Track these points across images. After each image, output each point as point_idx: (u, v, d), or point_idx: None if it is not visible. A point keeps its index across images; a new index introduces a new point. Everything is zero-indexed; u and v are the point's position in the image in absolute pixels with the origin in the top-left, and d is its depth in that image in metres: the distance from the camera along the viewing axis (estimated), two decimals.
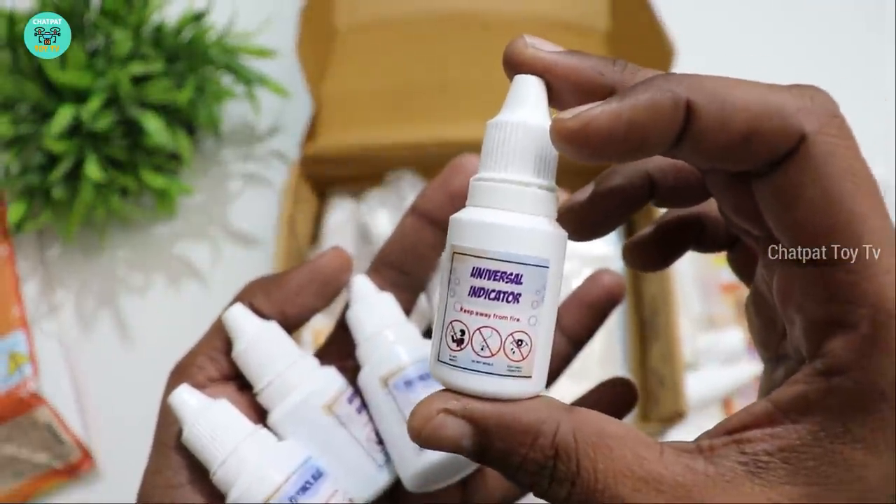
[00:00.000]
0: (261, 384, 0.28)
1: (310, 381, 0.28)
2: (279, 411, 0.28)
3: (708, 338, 0.58)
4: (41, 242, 0.64)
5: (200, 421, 0.26)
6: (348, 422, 0.28)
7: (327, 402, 0.28)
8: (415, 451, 0.27)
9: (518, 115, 0.23)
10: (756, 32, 0.77)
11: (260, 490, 0.25)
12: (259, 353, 0.28)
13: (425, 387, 0.28)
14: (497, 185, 0.22)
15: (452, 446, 0.21)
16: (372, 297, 0.30)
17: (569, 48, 0.23)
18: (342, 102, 0.65)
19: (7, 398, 0.51)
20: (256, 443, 0.27)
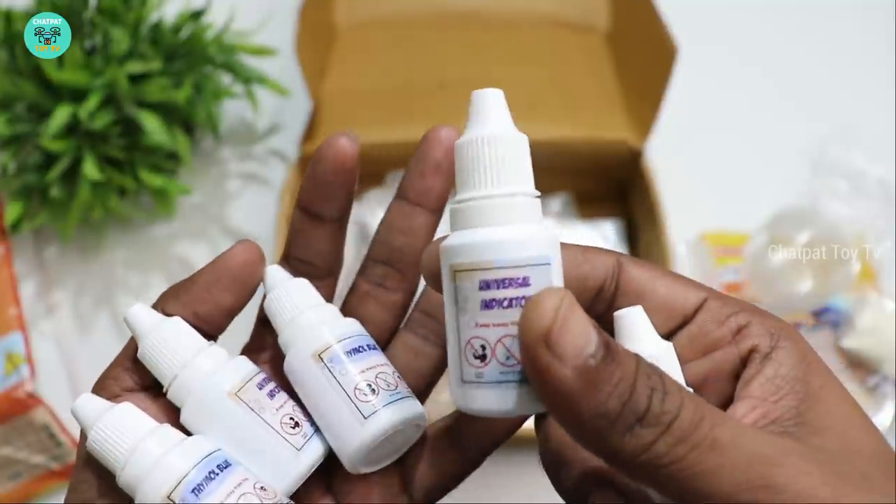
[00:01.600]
0: (167, 380, 0.27)
1: (215, 370, 0.27)
2: (186, 405, 0.27)
3: None
4: (38, 242, 0.64)
5: (99, 426, 0.25)
6: (258, 408, 0.27)
7: (232, 389, 0.26)
8: (358, 423, 0.26)
9: (485, 130, 0.23)
10: (757, 32, 0.77)
11: (163, 483, 0.24)
12: (162, 348, 0.27)
13: (359, 359, 0.27)
14: (483, 203, 0.22)
15: (576, 348, 0.19)
16: (287, 282, 0.29)
17: (569, 47, 0.24)
18: (341, 101, 0.64)
19: (4, 399, 0.51)
20: (158, 439, 0.25)
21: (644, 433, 0.19)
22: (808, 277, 0.58)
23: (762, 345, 0.23)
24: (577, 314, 0.20)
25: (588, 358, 0.19)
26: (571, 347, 0.19)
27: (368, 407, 0.26)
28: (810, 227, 0.59)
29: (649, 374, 0.20)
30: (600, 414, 0.19)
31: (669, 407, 0.19)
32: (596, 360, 0.19)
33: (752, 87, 0.74)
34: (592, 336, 0.20)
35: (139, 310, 0.28)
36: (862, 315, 0.58)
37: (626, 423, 0.19)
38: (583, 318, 0.20)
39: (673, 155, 0.63)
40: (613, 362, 0.19)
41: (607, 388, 0.19)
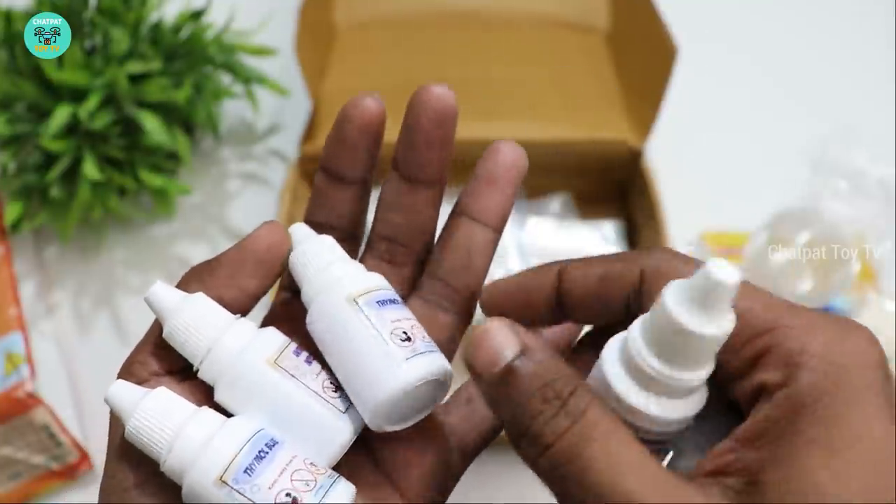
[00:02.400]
0: (198, 359, 0.26)
1: (249, 341, 0.26)
2: (222, 381, 0.26)
3: None
4: (38, 242, 0.64)
5: (139, 414, 0.24)
6: (299, 374, 0.26)
7: (271, 357, 0.26)
8: (395, 366, 0.25)
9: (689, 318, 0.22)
10: (757, 32, 0.77)
11: (213, 467, 0.24)
12: (189, 326, 0.26)
13: (393, 309, 0.26)
14: (648, 371, 0.22)
15: (492, 353, 0.22)
16: (315, 237, 0.28)
17: (569, 47, 0.24)
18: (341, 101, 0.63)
19: (4, 399, 0.50)
20: (200, 422, 0.25)
21: (526, 450, 0.22)
22: (808, 277, 0.58)
23: (771, 380, 0.21)
24: (490, 339, 0.22)
25: (493, 374, 0.22)
26: (481, 363, 0.22)
27: (407, 350, 0.25)
28: (810, 227, 0.59)
29: (548, 398, 0.22)
30: (503, 419, 0.23)
31: (549, 431, 0.21)
32: (497, 378, 0.22)
33: (751, 87, 0.74)
34: (502, 357, 0.22)
35: (160, 289, 0.27)
36: (862, 315, 0.58)
37: (517, 432, 0.22)
38: (495, 342, 0.22)
39: (673, 155, 0.63)
40: (515, 380, 0.22)
41: (505, 402, 0.22)
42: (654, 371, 0.22)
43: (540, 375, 0.22)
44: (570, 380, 0.22)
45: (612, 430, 0.21)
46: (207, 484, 0.24)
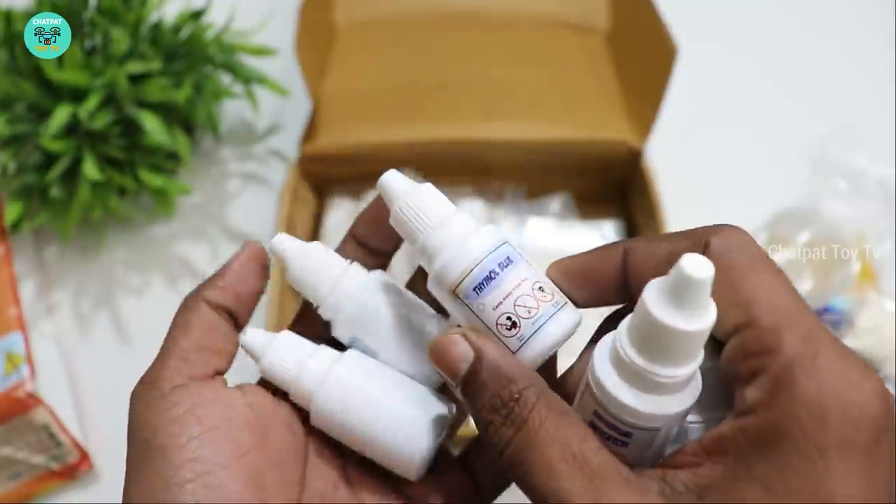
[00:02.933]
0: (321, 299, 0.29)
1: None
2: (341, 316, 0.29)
3: None
4: (38, 242, 0.64)
5: (269, 353, 0.29)
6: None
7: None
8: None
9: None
10: (757, 32, 0.77)
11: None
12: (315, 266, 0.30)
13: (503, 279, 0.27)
14: (636, 368, 0.23)
15: (450, 367, 0.25)
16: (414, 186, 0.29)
17: (569, 47, 0.24)
18: (341, 101, 0.64)
19: (4, 399, 0.50)
20: (320, 358, 0.29)
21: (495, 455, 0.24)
22: (808, 277, 0.58)
23: (749, 399, 0.21)
24: (446, 352, 0.25)
25: (456, 387, 0.25)
26: (447, 377, 0.25)
27: (514, 340, 0.26)
28: (810, 227, 0.59)
29: (494, 409, 0.24)
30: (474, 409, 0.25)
31: (497, 441, 0.24)
32: (460, 390, 0.25)
33: (751, 87, 0.74)
34: (459, 369, 0.25)
35: (283, 237, 0.31)
36: (862, 315, 0.58)
37: (480, 423, 0.24)
38: (450, 356, 0.25)
39: (673, 155, 0.63)
40: (471, 392, 0.25)
41: (469, 411, 0.25)
42: (637, 367, 0.22)
43: (490, 385, 0.24)
44: (518, 384, 0.24)
45: (552, 434, 0.22)
46: (335, 411, 0.28)
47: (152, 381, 0.27)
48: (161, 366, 0.27)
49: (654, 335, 0.22)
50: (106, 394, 0.57)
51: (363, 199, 0.63)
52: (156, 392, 0.26)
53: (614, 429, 0.24)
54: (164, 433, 0.26)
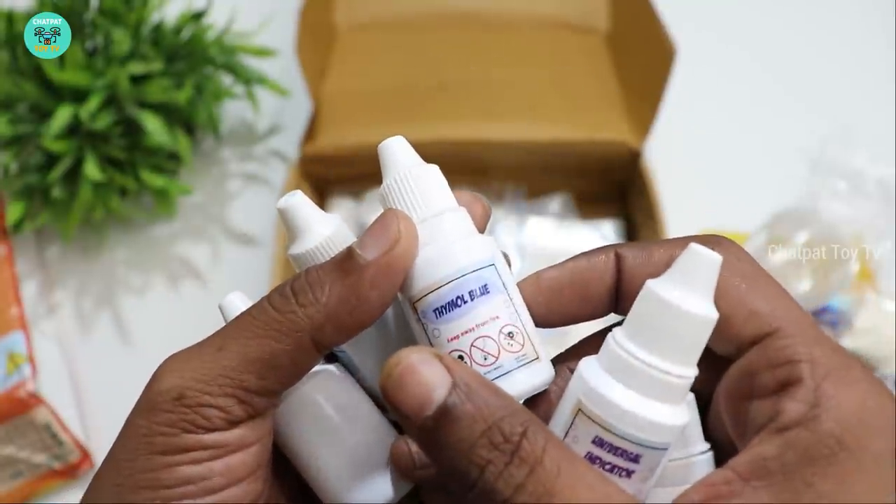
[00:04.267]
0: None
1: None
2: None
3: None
4: (40, 242, 0.64)
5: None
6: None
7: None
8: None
9: (686, 300, 0.21)
10: (756, 33, 0.77)
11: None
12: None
13: (467, 312, 0.23)
14: (645, 369, 0.21)
15: (420, 393, 0.19)
16: (421, 165, 0.25)
17: (569, 48, 0.23)
18: (341, 102, 0.64)
19: (6, 398, 0.51)
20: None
21: (475, 500, 0.19)
22: (806, 277, 0.58)
23: (787, 416, 0.20)
24: (416, 375, 0.20)
25: (426, 420, 0.19)
26: (409, 408, 0.20)
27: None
28: (809, 227, 0.59)
29: (493, 445, 0.19)
30: (444, 471, 0.20)
31: (501, 487, 0.19)
32: (431, 423, 0.19)
33: (750, 88, 0.74)
34: (433, 397, 0.19)
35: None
36: (861, 315, 0.58)
37: (463, 485, 0.19)
38: (423, 379, 0.20)
39: (672, 155, 0.64)
40: (452, 424, 0.19)
41: (444, 451, 0.19)
42: (650, 367, 0.21)
43: (482, 416, 0.19)
44: (518, 416, 0.19)
45: (577, 477, 0.19)
46: (289, 435, 0.25)
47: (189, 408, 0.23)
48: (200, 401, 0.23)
49: (666, 325, 0.20)
50: (107, 393, 0.57)
51: (363, 200, 0.64)
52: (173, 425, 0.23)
53: (621, 454, 0.21)
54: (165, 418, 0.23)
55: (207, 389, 0.22)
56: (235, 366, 0.23)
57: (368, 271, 0.22)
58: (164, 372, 0.23)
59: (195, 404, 0.22)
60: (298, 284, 0.23)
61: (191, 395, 0.22)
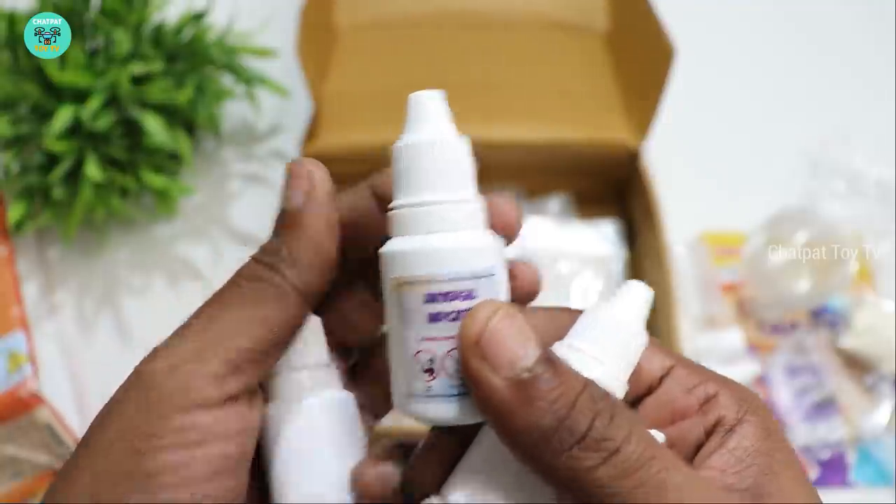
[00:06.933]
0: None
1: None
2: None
3: (708, 338, 0.58)
4: (41, 242, 0.64)
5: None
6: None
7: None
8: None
9: (428, 133, 0.22)
10: (756, 32, 0.78)
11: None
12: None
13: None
14: (428, 209, 0.21)
15: (520, 343, 0.20)
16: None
17: (568, 48, 0.23)
18: (342, 102, 0.65)
19: (7, 398, 0.51)
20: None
21: (583, 456, 0.19)
22: (806, 277, 0.59)
23: (729, 416, 0.22)
24: (514, 326, 0.20)
25: (523, 370, 0.19)
26: (505, 357, 0.19)
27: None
28: (809, 227, 0.60)
29: (596, 399, 0.20)
30: (534, 428, 0.19)
31: (614, 434, 0.19)
32: (531, 374, 0.19)
33: (750, 88, 0.74)
34: (531, 349, 0.20)
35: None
36: (859, 315, 0.58)
37: (563, 443, 0.19)
38: (521, 330, 0.20)
39: (671, 155, 0.64)
40: (553, 378, 0.19)
41: (542, 403, 0.19)
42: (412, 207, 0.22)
43: (581, 378, 0.20)
44: (608, 396, 0.20)
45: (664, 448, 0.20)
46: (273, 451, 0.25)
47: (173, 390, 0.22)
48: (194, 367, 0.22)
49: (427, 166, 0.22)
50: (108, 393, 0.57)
51: None
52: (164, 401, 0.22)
53: (456, 297, 0.21)
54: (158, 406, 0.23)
55: (202, 356, 0.22)
56: (226, 329, 0.23)
57: (303, 215, 0.24)
58: (154, 352, 0.23)
59: (188, 372, 0.22)
60: (259, 253, 0.24)
61: (182, 364, 0.22)
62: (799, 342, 0.58)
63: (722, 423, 0.22)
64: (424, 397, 0.21)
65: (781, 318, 0.60)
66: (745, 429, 0.22)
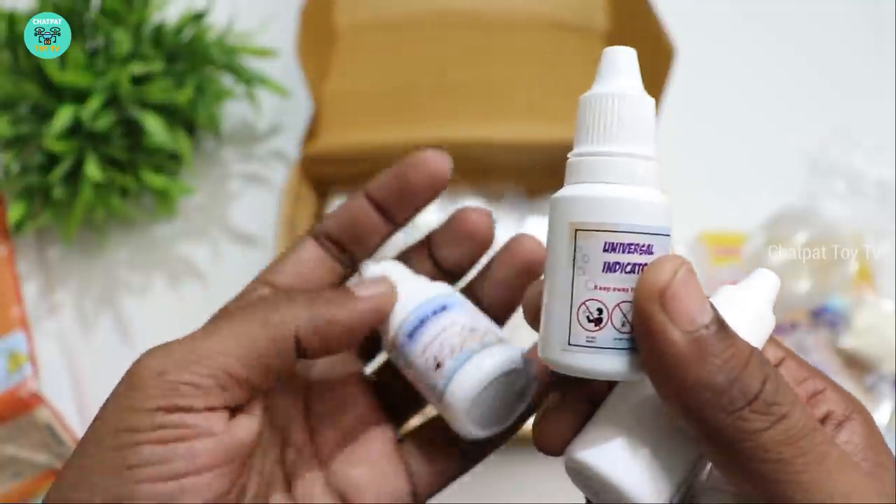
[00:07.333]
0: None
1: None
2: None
3: None
4: (41, 242, 0.64)
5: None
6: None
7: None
8: (434, 399, 0.27)
9: (619, 86, 0.22)
10: (757, 32, 0.78)
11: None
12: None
13: (433, 325, 0.28)
14: (609, 159, 0.22)
15: (700, 301, 0.20)
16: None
17: (568, 48, 0.24)
18: (342, 102, 0.65)
19: (7, 398, 0.51)
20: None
21: (752, 418, 0.19)
22: (806, 277, 0.59)
23: (837, 412, 0.23)
24: (695, 283, 0.20)
25: (701, 327, 0.19)
26: (686, 312, 0.19)
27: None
28: (809, 227, 0.60)
29: (764, 363, 0.20)
30: (706, 385, 0.19)
31: (783, 400, 0.19)
32: (709, 332, 0.19)
33: (750, 88, 0.74)
34: (708, 308, 0.20)
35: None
36: (859, 315, 0.58)
37: (734, 403, 0.19)
38: (701, 289, 0.20)
39: (671, 155, 0.63)
40: (727, 339, 0.19)
41: (717, 360, 0.19)
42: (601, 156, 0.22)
43: (748, 344, 0.20)
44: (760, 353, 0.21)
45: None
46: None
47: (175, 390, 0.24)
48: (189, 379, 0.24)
49: (610, 116, 0.22)
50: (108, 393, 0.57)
51: None
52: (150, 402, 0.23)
53: (635, 249, 0.21)
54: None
55: (191, 368, 0.23)
56: (221, 349, 0.24)
57: (359, 303, 0.27)
58: (149, 354, 0.24)
59: (175, 380, 0.23)
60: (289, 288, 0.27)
61: (172, 372, 0.23)
62: (799, 342, 0.58)
63: (831, 417, 0.22)
64: (586, 348, 0.21)
65: (781, 318, 0.60)
66: (854, 425, 0.22)
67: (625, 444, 0.22)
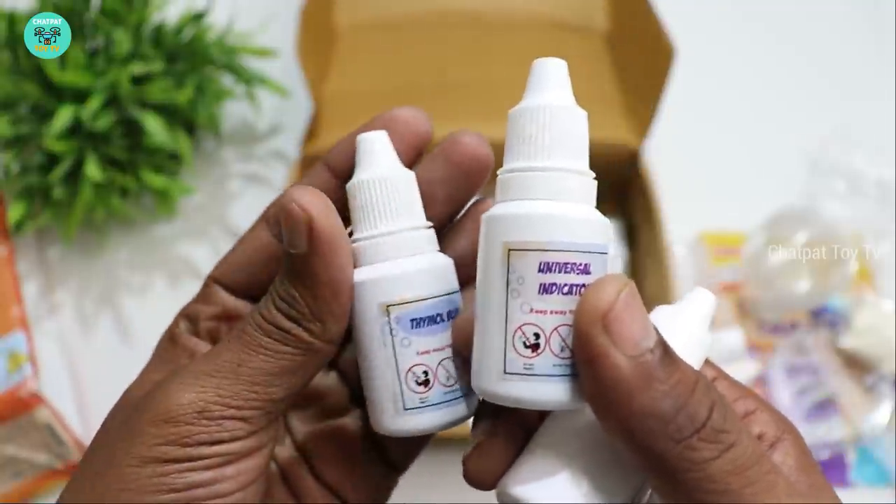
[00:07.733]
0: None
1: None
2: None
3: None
4: (41, 242, 0.64)
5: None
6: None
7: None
8: (394, 414, 0.23)
9: (547, 99, 0.21)
10: (755, 33, 0.78)
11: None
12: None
13: (437, 333, 0.23)
14: (546, 175, 0.20)
15: (644, 324, 0.18)
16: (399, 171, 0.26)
17: (568, 48, 0.24)
18: (342, 102, 0.65)
19: (7, 398, 0.51)
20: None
21: (700, 447, 0.18)
22: (805, 277, 0.59)
23: (769, 433, 0.22)
24: (639, 305, 0.19)
25: (646, 351, 0.18)
26: (629, 335, 0.18)
27: (416, 399, 0.23)
28: (809, 227, 0.60)
29: (710, 388, 0.19)
30: (651, 413, 0.18)
31: (731, 427, 0.19)
32: (654, 356, 0.18)
33: (750, 88, 0.74)
34: (652, 331, 0.19)
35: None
36: (859, 315, 0.58)
37: (681, 431, 0.18)
38: (644, 311, 0.19)
39: (671, 155, 0.64)
40: (672, 364, 0.19)
41: (663, 387, 0.18)
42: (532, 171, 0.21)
43: (693, 369, 0.19)
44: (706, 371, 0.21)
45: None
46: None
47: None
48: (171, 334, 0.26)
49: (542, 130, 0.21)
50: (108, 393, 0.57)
51: None
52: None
53: (571, 268, 0.20)
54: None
55: (234, 403, 0.22)
56: (262, 380, 0.23)
57: (312, 260, 0.22)
58: (179, 386, 0.23)
59: (219, 417, 0.22)
60: (280, 304, 0.23)
61: (215, 409, 0.22)
62: (799, 342, 0.58)
63: (763, 438, 0.22)
64: (524, 376, 0.20)
65: (781, 318, 0.60)
66: (786, 447, 0.22)
67: (564, 478, 0.20)
